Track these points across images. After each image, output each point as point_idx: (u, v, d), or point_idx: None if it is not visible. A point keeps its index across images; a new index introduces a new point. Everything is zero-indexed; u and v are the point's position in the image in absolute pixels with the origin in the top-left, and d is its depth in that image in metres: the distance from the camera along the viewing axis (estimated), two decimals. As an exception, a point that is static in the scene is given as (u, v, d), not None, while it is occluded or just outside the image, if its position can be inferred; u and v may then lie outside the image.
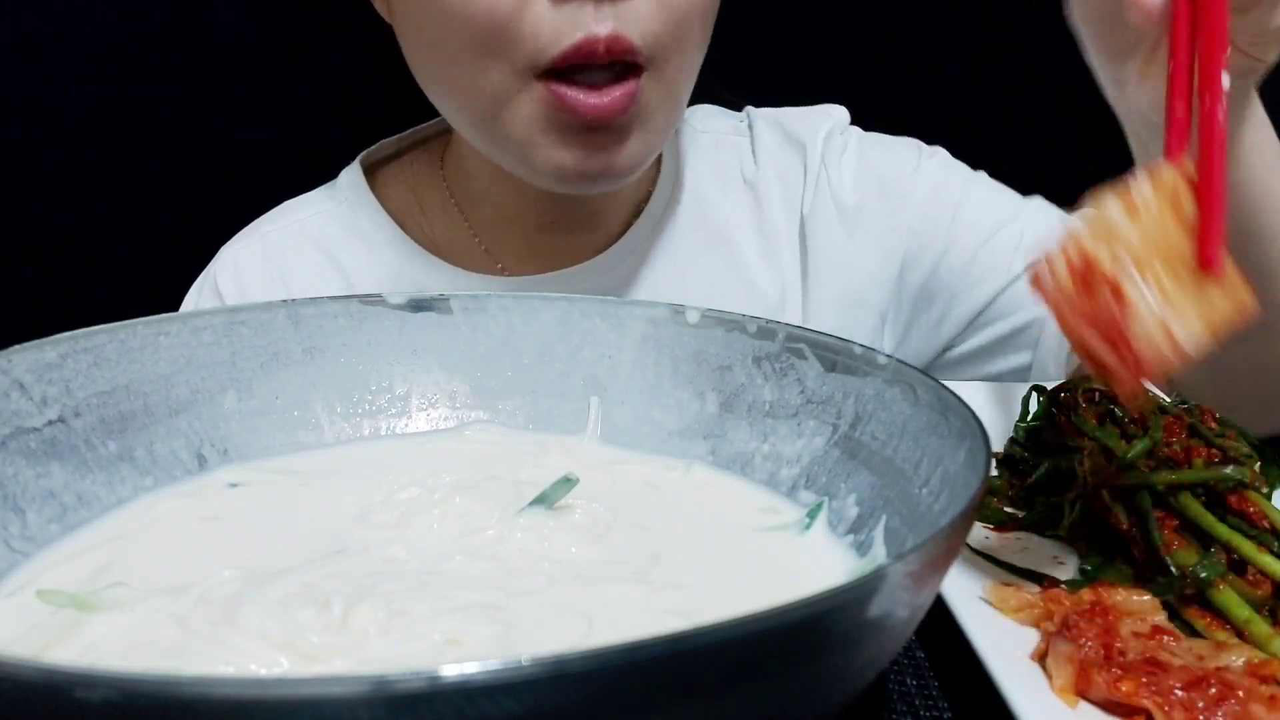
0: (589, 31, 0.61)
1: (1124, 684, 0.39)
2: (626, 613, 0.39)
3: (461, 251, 0.79)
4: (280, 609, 0.36)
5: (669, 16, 0.63)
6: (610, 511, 0.47)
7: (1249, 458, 0.55)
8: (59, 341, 0.49)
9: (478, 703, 0.24)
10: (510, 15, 0.62)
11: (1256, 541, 0.48)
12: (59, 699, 0.24)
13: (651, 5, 0.63)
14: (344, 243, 0.79)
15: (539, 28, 0.62)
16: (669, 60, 0.65)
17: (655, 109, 0.66)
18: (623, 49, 0.62)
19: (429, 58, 0.67)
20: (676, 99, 0.68)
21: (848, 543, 0.45)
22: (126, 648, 0.36)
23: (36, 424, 0.47)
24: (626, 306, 0.56)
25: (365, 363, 0.57)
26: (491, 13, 0.62)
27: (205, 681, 0.24)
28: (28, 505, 0.46)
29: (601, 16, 0.61)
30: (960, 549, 0.35)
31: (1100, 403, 0.61)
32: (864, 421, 0.47)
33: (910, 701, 0.45)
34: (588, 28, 0.61)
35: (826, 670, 0.30)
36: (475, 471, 0.50)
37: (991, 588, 0.47)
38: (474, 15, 0.62)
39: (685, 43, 0.65)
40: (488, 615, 0.37)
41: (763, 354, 0.53)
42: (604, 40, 0.61)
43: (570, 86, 0.63)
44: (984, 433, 0.38)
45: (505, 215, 0.78)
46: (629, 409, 0.56)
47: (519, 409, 0.57)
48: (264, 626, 0.36)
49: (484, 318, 0.58)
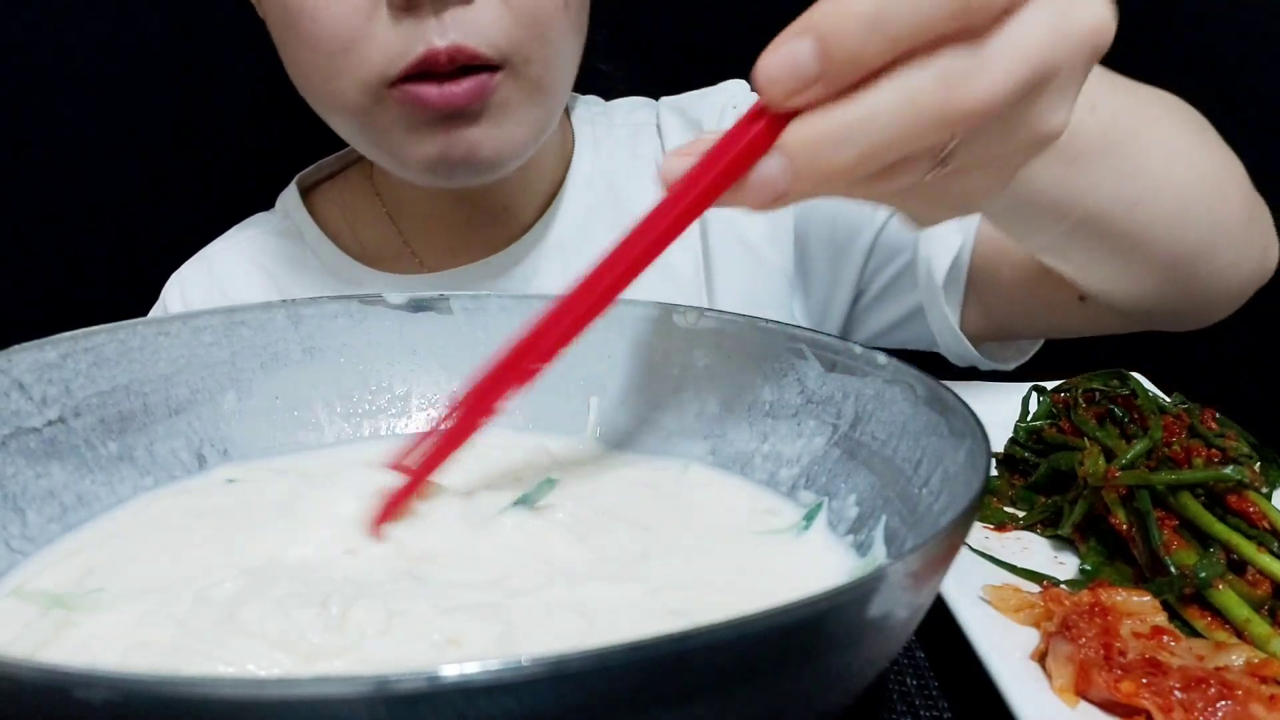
0: (430, 45, 0.62)
1: (1124, 684, 0.39)
2: (626, 612, 0.39)
3: (389, 255, 0.83)
4: (278, 609, 0.36)
5: (517, 21, 0.64)
6: (603, 512, 0.47)
7: (1249, 458, 0.55)
8: (59, 341, 0.49)
9: (478, 703, 0.24)
10: (354, 37, 0.63)
11: (1256, 541, 0.48)
12: (59, 699, 0.24)
13: (494, 13, 0.63)
14: (280, 258, 0.84)
15: (382, 45, 0.63)
16: (529, 60, 0.66)
17: (517, 104, 0.67)
18: (466, 58, 0.63)
19: (295, 74, 0.70)
20: (545, 93, 0.69)
21: (848, 543, 0.45)
22: (125, 648, 0.36)
23: (36, 424, 0.47)
24: (626, 306, 0.56)
25: (365, 363, 0.57)
26: (334, 36, 0.64)
27: (205, 681, 0.24)
28: (28, 505, 0.46)
29: (443, 29, 0.62)
30: (960, 549, 0.35)
31: (1100, 402, 0.61)
32: (864, 421, 0.47)
33: (910, 701, 0.45)
34: (429, 41, 0.62)
35: (826, 670, 0.30)
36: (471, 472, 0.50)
37: (991, 588, 0.47)
38: (320, 38, 0.64)
39: (544, 42, 0.66)
40: (487, 614, 0.37)
41: (762, 354, 0.52)
42: (445, 51, 0.62)
43: (419, 84, 0.64)
44: (984, 433, 0.38)
45: (428, 215, 0.82)
46: (628, 409, 0.56)
47: (519, 409, 0.57)
48: (263, 626, 0.36)
49: (484, 318, 0.58)
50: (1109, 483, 0.51)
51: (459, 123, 0.66)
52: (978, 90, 0.33)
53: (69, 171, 1.06)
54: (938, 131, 0.34)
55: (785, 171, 0.34)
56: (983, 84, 0.33)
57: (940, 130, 0.34)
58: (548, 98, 0.70)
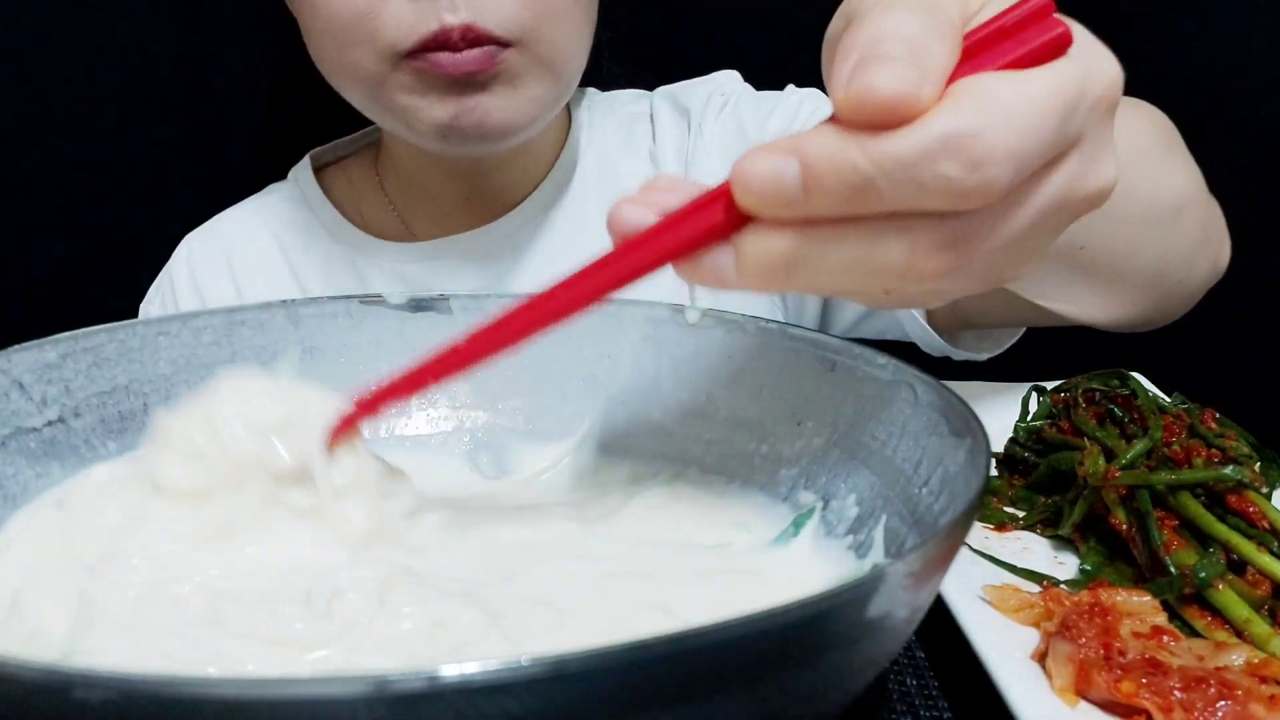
0: (443, 22, 0.65)
1: (1124, 684, 0.39)
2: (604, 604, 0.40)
3: (390, 235, 0.86)
4: (265, 604, 0.36)
5: (528, 4, 0.67)
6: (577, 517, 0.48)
7: (1249, 458, 0.55)
8: (59, 341, 0.49)
9: (477, 703, 0.24)
10: (367, 9, 0.66)
11: (1256, 541, 0.48)
12: (59, 699, 0.24)
13: None
14: (286, 222, 0.87)
15: (395, 19, 0.66)
16: (540, 38, 0.69)
17: (526, 76, 0.70)
18: (476, 37, 0.66)
19: (313, 45, 0.73)
20: (556, 72, 0.72)
21: (847, 544, 0.45)
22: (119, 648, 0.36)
23: (36, 424, 0.47)
24: (627, 306, 0.56)
25: (365, 363, 0.57)
26: (348, 7, 0.67)
27: (205, 682, 0.24)
28: (27, 505, 0.46)
29: (455, 7, 0.65)
30: (960, 549, 0.35)
31: (1100, 402, 0.61)
32: (864, 421, 0.47)
33: (910, 701, 0.45)
34: (441, 19, 0.65)
35: (826, 670, 0.30)
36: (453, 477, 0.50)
37: (991, 588, 0.47)
38: (335, 11, 0.67)
39: (554, 24, 0.69)
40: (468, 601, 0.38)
41: (762, 354, 0.52)
42: (458, 30, 0.65)
43: (433, 53, 0.67)
44: (984, 433, 0.38)
45: (427, 195, 0.85)
46: (628, 409, 0.56)
47: (519, 409, 0.57)
48: (251, 625, 0.36)
49: (484, 318, 0.57)
50: (1109, 483, 0.51)
51: (470, 90, 0.68)
52: (943, 264, 0.32)
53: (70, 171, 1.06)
54: (889, 284, 0.32)
55: (733, 271, 0.33)
56: (951, 260, 0.32)
57: (892, 283, 0.32)
58: (557, 77, 0.72)
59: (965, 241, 0.31)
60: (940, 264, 0.32)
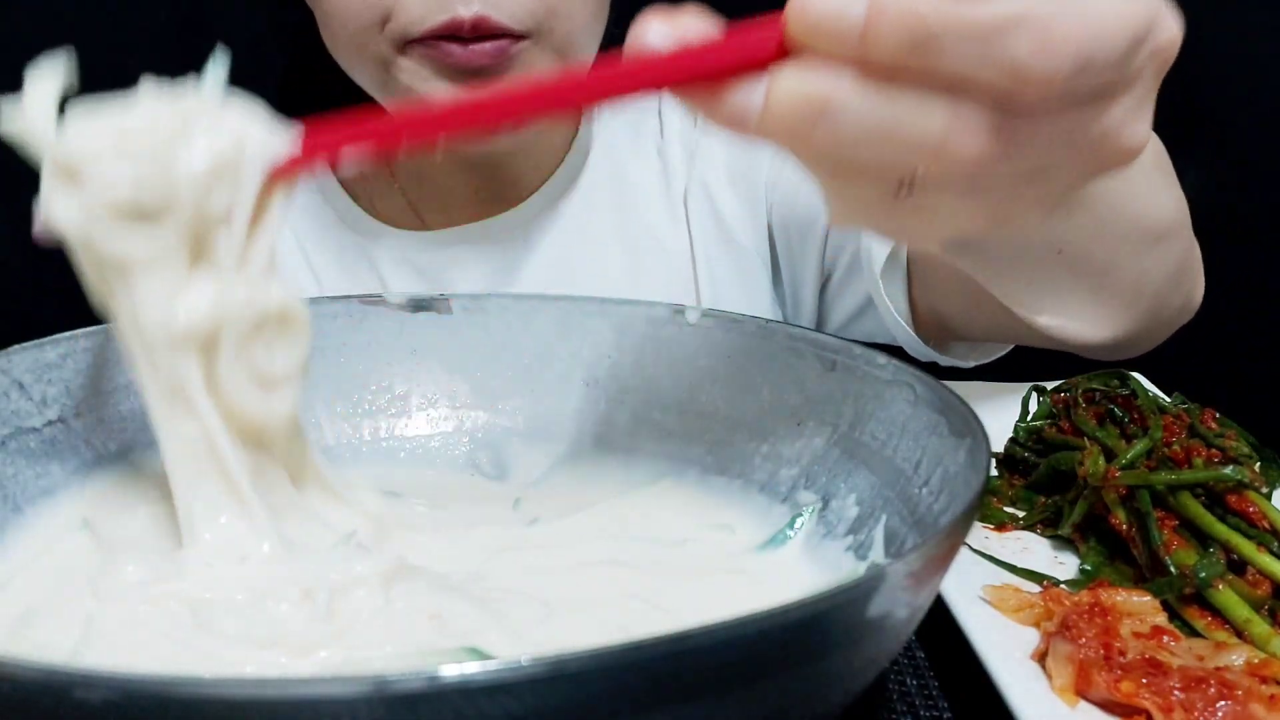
0: (454, 14, 0.65)
1: (1124, 684, 0.39)
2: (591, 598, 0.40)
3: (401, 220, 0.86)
4: (259, 606, 0.36)
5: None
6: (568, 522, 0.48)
7: (1249, 458, 0.55)
8: (59, 341, 0.49)
9: (477, 703, 0.24)
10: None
11: (1256, 541, 0.48)
12: (59, 699, 0.24)
13: None
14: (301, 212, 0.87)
15: (406, 8, 0.66)
16: (553, 30, 0.68)
17: (537, 68, 0.69)
18: (488, 29, 0.65)
19: (326, 31, 0.73)
20: (567, 64, 0.71)
21: (847, 543, 0.45)
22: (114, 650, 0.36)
23: (36, 424, 0.47)
24: (627, 306, 0.56)
25: (365, 363, 0.57)
26: None
27: (205, 682, 0.24)
28: (27, 505, 0.46)
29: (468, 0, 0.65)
30: (960, 549, 0.35)
31: (1100, 402, 0.61)
32: (864, 421, 0.47)
33: (910, 701, 0.45)
34: (453, 10, 0.65)
35: (826, 670, 0.30)
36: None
37: (991, 588, 0.47)
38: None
39: (566, 17, 0.69)
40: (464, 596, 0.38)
41: (762, 353, 0.52)
42: (469, 21, 0.65)
43: (444, 42, 0.67)
44: (984, 433, 0.38)
45: (438, 186, 0.84)
46: (628, 409, 0.56)
47: (519, 409, 0.57)
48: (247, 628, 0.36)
49: (484, 318, 0.57)
50: (1109, 483, 0.51)
51: (480, 79, 0.68)
52: (977, 149, 0.30)
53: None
54: (919, 161, 0.31)
55: (757, 111, 0.31)
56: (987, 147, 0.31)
57: (922, 161, 0.31)
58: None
59: (1005, 134, 0.30)
60: (975, 148, 0.30)
